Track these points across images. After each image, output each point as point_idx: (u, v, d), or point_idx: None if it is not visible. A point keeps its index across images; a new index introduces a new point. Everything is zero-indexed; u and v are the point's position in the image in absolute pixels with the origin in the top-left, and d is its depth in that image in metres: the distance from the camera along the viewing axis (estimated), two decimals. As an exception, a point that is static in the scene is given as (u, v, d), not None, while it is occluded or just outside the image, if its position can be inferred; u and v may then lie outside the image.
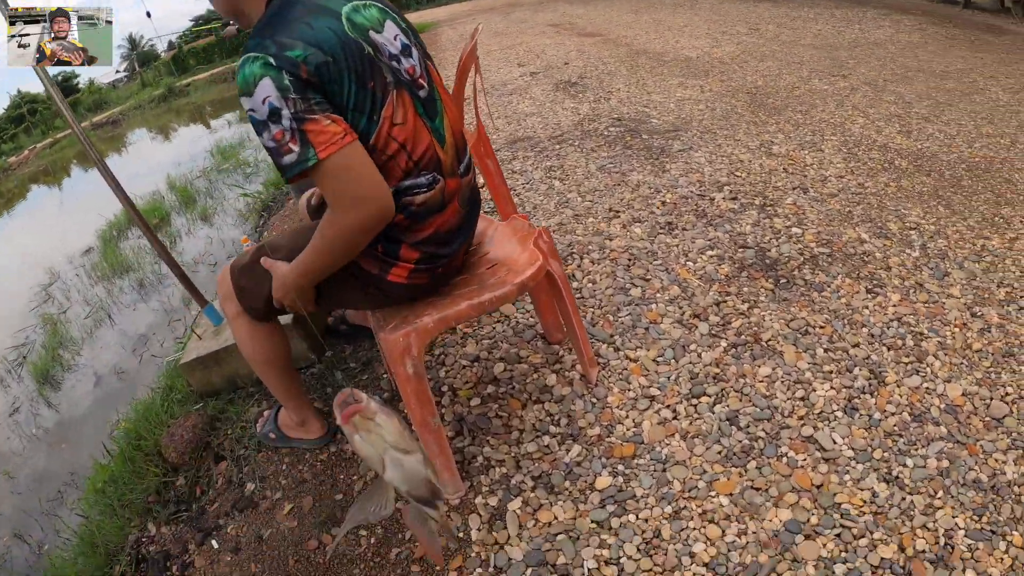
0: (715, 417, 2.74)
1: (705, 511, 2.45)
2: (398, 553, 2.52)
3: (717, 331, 3.15)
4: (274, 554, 2.67)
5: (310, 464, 2.95)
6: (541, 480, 2.59)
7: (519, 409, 2.85)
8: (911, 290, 3.41)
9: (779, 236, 3.75)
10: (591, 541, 2.39)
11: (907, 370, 2.96)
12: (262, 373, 2.77)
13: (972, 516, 2.37)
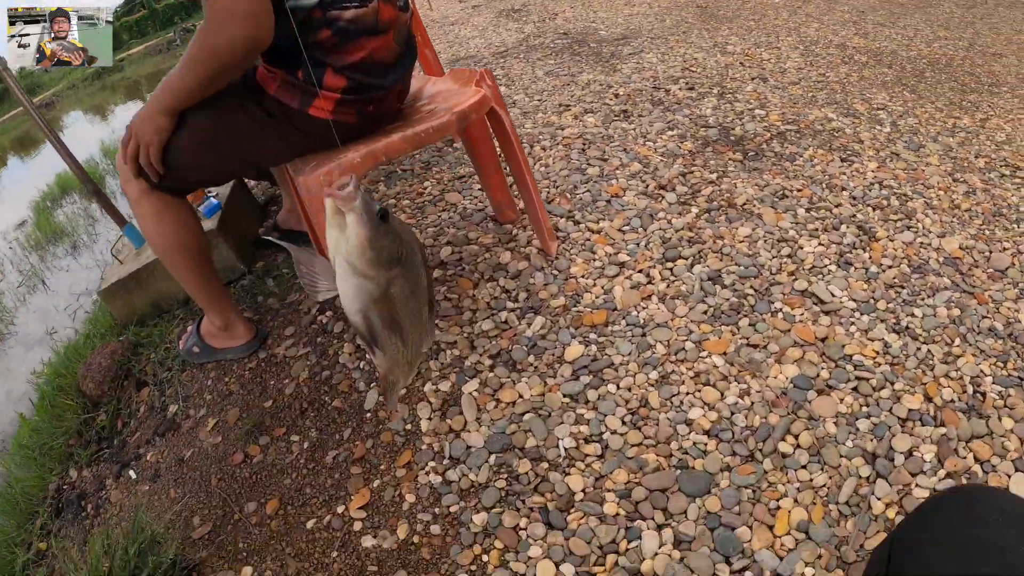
0: (695, 278, 2.20)
1: (698, 373, 1.90)
2: (335, 456, 1.92)
3: (686, 199, 2.60)
4: (195, 475, 2.10)
5: (237, 375, 2.35)
6: (500, 358, 2.02)
7: (470, 289, 2.28)
8: (887, 159, 2.93)
9: (742, 117, 3.22)
10: (565, 418, 1.82)
11: (897, 227, 2.49)
12: (174, 265, 2.16)
13: (996, 363, 1.99)
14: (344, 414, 2.08)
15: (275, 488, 1.98)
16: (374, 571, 1.71)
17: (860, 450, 1.77)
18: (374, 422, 2.02)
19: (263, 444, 2.11)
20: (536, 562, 1.61)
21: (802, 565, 1.54)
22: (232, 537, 1.92)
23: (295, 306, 2.56)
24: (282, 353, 2.38)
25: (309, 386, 2.20)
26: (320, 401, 2.14)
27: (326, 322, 2.40)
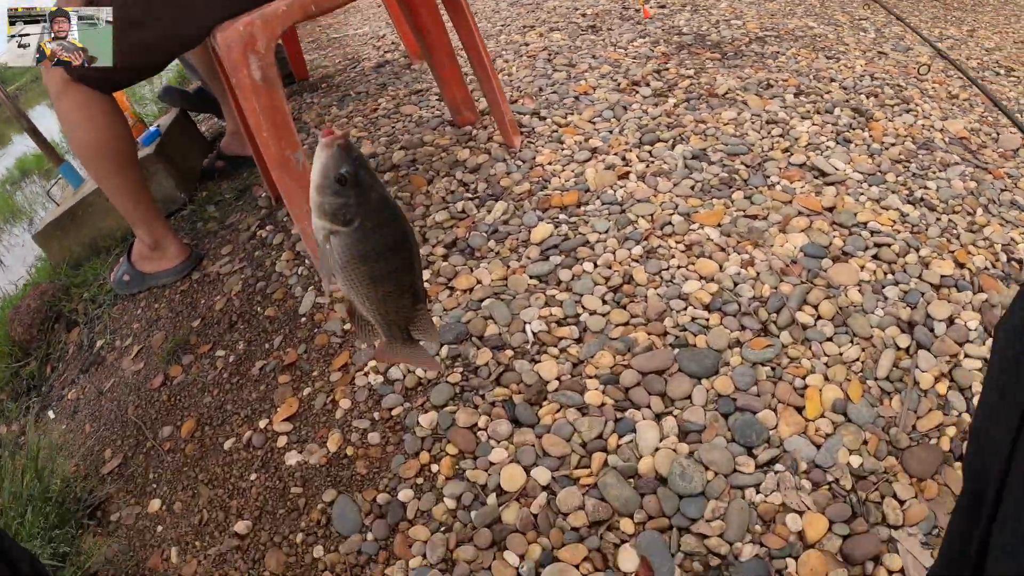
0: (677, 156, 1.76)
1: (690, 245, 1.45)
2: (262, 366, 1.45)
3: (663, 92, 2.15)
4: (111, 406, 1.65)
5: (167, 300, 1.88)
6: (456, 247, 1.55)
7: (424, 186, 1.79)
8: (875, 58, 2.52)
9: (718, 25, 2.78)
10: (533, 301, 1.37)
11: (895, 111, 2.07)
12: (97, 171, 1.75)
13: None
14: (276, 322, 1.62)
15: (194, 409, 1.51)
16: (297, 493, 1.25)
17: (893, 319, 1.33)
18: (308, 326, 1.55)
19: (186, 364, 1.65)
20: (500, 468, 1.16)
21: (845, 453, 1.10)
22: (143, 468, 1.48)
23: (235, 226, 2.08)
24: (216, 271, 1.91)
25: (241, 299, 1.74)
26: (252, 312, 1.68)
27: (266, 235, 1.93)
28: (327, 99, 2.70)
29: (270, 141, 1.44)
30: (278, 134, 1.44)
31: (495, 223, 1.67)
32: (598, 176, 1.76)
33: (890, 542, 1.02)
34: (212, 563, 1.25)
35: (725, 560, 1.02)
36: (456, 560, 1.09)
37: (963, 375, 1.26)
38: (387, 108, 2.44)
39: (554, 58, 2.58)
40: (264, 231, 1.99)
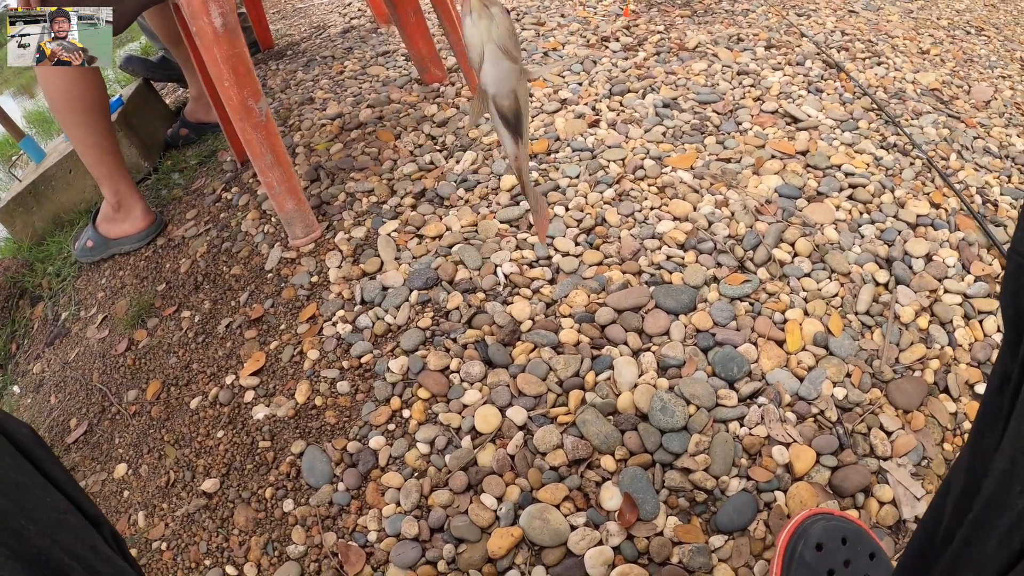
0: (648, 105, 1.69)
1: (663, 187, 1.37)
2: (228, 323, 1.36)
3: (632, 47, 2.06)
4: (76, 375, 1.53)
5: (132, 267, 1.78)
6: (425, 196, 1.46)
7: (391, 141, 1.70)
8: (845, 16, 2.46)
9: (686, -14, 2.66)
10: (504, 244, 1.27)
11: (867, 64, 2.00)
12: (68, 120, 1.67)
13: (1000, 176, 1.60)
14: (242, 280, 1.54)
15: (159, 371, 1.42)
16: (266, 447, 1.17)
17: (871, 255, 1.28)
18: (275, 281, 1.47)
19: (151, 327, 1.56)
20: (474, 410, 1.08)
21: (829, 385, 1.04)
22: (108, 433, 1.39)
23: (200, 191, 1.99)
24: (181, 235, 1.81)
25: (207, 260, 1.65)
26: (217, 272, 1.59)
27: (231, 198, 1.83)
28: (293, 64, 2.60)
29: (232, 91, 1.36)
30: (240, 82, 1.35)
31: (464, 172, 1.59)
32: (568, 125, 1.69)
33: (879, 473, 0.97)
34: (180, 524, 1.17)
35: (711, 495, 0.96)
36: (431, 505, 1.03)
37: (943, 310, 1.21)
38: (353, 70, 2.35)
39: (523, 17, 2.50)
40: (229, 193, 1.90)
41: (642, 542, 0.93)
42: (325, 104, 2.14)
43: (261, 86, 1.38)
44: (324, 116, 2.05)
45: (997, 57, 2.31)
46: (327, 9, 3.23)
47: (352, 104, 2.09)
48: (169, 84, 2.85)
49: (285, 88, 2.35)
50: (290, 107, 2.14)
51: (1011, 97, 2.00)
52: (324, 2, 3.35)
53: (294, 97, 2.21)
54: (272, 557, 1.05)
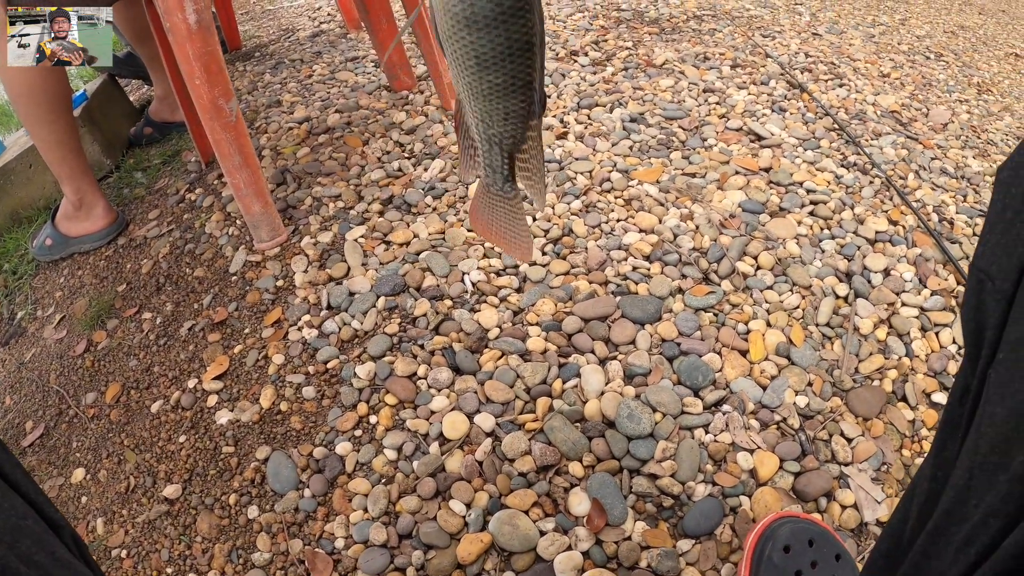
0: (615, 119, 1.72)
1: (629, 200, 1.39)
2: (191, 326, 1.34)
3: (601, 61, 2.09)
4: (32, 377, 1.49)
5: (91, 266, 1.75)
6: (393, 203, 1.46)
7: (359, 147, 1.70)
8: (810, 39, 2.52)
9: (656, 3, 2.77)
10: (471, 252, 1.28)
11: (829, 85, 2.05)
12: (29, 114, 1.65)
13: (956, 196, 1.65)
14: (206, 282, 1.52)
15: (119, 373, 1.40)
16: (229, 452, 1.16)
17: (831, 269, 1.31)
18: (240, 284, 1.46)
19: (111, 328, 1.53)
20: (442, 416, 1.08)
21: (791, 394, 1.06)
22: (66, 437, 1.36)
23: (163, 191, 1.96)
24: (143, 235, 1.79)
25: (169, 261, 1.63)
26: (180, 274, 1.57)
27: (195, 199, 1.82)
28: (260, 67, 2.58)
29: (203, 89, 1.35)
30: (211, 81, 1.35)
31: (432, 180, 1.60)
32: (538, 137, 1.70)
33: (841, 478, 1.00)
34: (140, 531, 1.15)
35: (678, 500, 0.98)
36: (399, 512, 1.03)
37: (901, 322, 1.25)
38: (322, 74, 2.35)
39: (491, 31, 2.52)
40: (193, 194, 1.88)
41: (611, 547, 0.94)
42: (293, 107, 2.14)
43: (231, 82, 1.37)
44: (291, 119, 2.04)
45: (955, 82, 2.39)
46: (296, 12, 3.22)
47: (320, 108, 2.09)
48: (134, 81, 2.81)
49: (252, 90, 2.34)
50: (257, 109, 2.13)
51: (968, 120, 2.07)
52: (294, 5, 3.34)
53: (261, 99, 2.20)
54: (237, 565, 1.04)
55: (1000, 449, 0.38)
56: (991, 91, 2.42)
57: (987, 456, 0.39)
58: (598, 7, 2.72)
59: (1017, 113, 2.28)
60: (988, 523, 0.38)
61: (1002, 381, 0.38)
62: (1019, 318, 0.38)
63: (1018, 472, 0.36)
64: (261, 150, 1.92)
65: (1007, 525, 0.37)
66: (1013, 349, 0.38)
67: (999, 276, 0.39)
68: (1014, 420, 0.37)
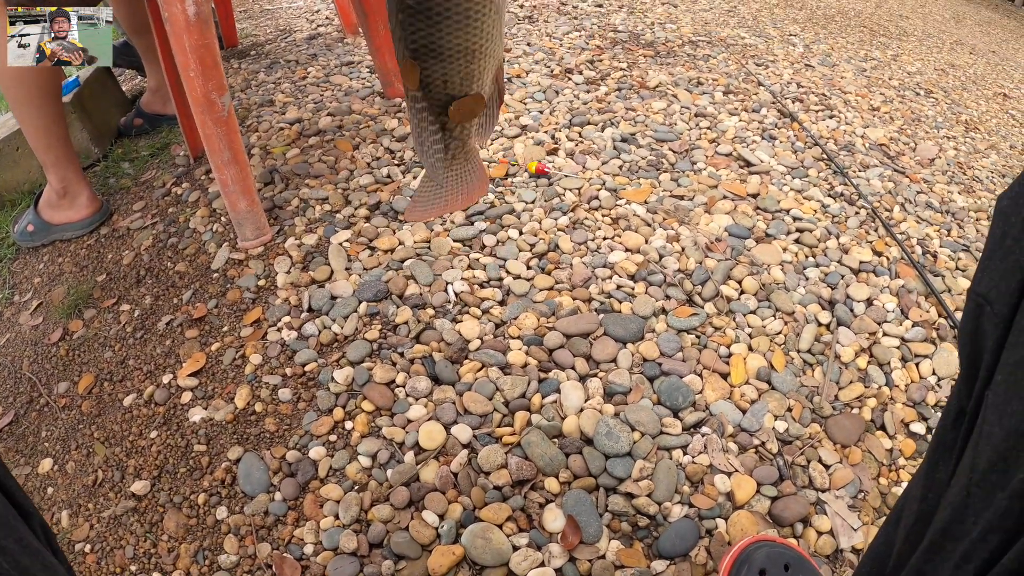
0: (606, 138, 1.72)
1: (616, 219, 1.39)
2: (169, 321, 1.33)
3: (595, 80, 2.10)
4: (5, 362, 1.50)
5: (72, 254, 1.73)
6: (380, 209, 1.46)
7: (349, 151, 1.70)
8: (802, 69, 2.54)
9: (653, 27, 2.78)
10: (456, 263, 1.27)
11: (819, 115, 2.08)
12: (16, 99, 1.66)
13: (940, 230, 1.66)
14: (187, 277, 1.50)
15: (93, 364, 1.38)
16: (201, 451, 1.14)
17: (815, 297, 1.32)
18: (221, 282, 1.44)
19: (87, 318, 1.51)
20: (419, 425, 1.07)
21: (771, 418, 1.06)
22: (35, 426, 1.33)
23: (149, 183, 1.95)
24: (126, 226, 1.77)
25: (151, 253, 1.61)
26: (161, 267, 1.56)
27: (181, 193, 1.80)
28: (255, 65, 2.57)
29: (197, 82, 1.34)
30: (206, 75, 1.34)
31: (423, 189, 1.59)
32: (527, 151, 1.71)
33: (818, 504, 1.00)
34: (106, 526, 1.13)
35: (654, 520, 0.97)
36: (371, 520, 1.01)
37: (882, 351, 1.25)
38: (316, 77, 2.34)
39: (488, 44, 2.52)
40: (180, 188, 1.87)
41: (584, 565, 0.93)
42: (285, 108, 2.13)
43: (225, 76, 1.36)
44: (283, 120, 2.03)
45: (943, 119, 2.42)
46: (295, 13, 3.21)
47: (312, 110, 2.08)
48: (127, 71, 2.79)
49: (246, 88, 2.33)
50: (249, 107, 2.12)
51: (955, 157, 2.09)
52: (292, 6, 3.33)
53: (254, 98, 2.19)
54: (202, 566, 1.02)
55: (998, 467, 0.39)
56: (978, 129, 2.45)
57: (985, 474, 0.40)
58: (595, 27, 2.73)
59: (1003, 152, 2.31)
60: (987, 539, 0.39)
61: (1000, 402, 0.39)
62: (1017, 342, 0.39)
63: (1016, 489, 0.37)
64: (251, 148, 1.91)
65: (1006, 541, 0.38)
66: (1011, 372, 0.39)
67: (998, 301, 0.40)
68: (1012, 439, 0.38)
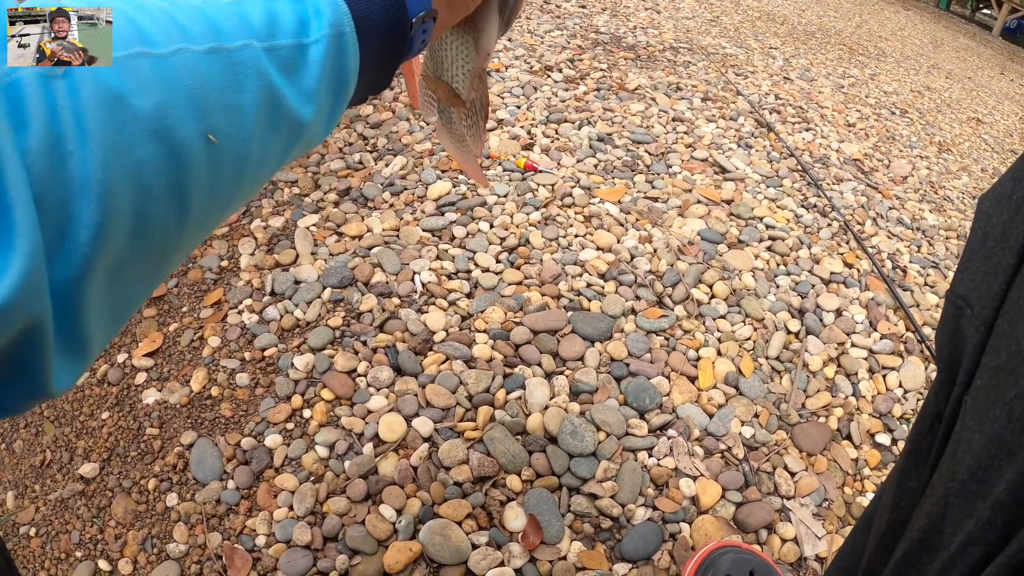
0: (583, 137, 1.71)
1: (589, 217, 1.37)
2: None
3: (574, 79, 2.08)
4: None
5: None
6: (350, 195, 1.42)
7: (321, 138, 1.65)
8: (781, 81, 2.57)
9: (635, 31, 2.77)
10: (423, 253, 1.24)
11: (796, 127, 2.09)
12: None
13: (911, 246, 1.58)
14: (144, 260, 1.44)
15: (40, 345, 1.32)
16: (153, 434, 1.10)
17: (785, 304, 1.31)
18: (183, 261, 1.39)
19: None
20: (379, 416, 1.04)
21: (738, 424, 1.05)
22: (-23, 408, 1.25)
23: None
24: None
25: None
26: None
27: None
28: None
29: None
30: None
31: (392, 176, 1.57)
32: (502, 144, 1.69)
33: (783, 511, 0.99)
34: (52, 509, 1.09)
35: (617, 522, 0.96)
36: (326, 513, 0.98)
37: (850, 362, 1.25)
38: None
39: (466, 39, 2.50)
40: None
41: (545, 566, 0.91)
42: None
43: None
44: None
45: (917, 139, 2.44)
46: None
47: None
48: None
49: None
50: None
51: (927, 176, 2.11)
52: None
53: (224, 82, 2.14)
54: (150, 554, 0.99)
55: (978, 476, 0.37)
56: (951, 151, 2.49)
57: (965, 483, 0.38)
58: (577, 27, 2.73)
59: (975, 174, 2.34)
60: (967, 551, 0.37)
61: (980, 408, 0.38)
62: (998, 345, 0.37)
63: (1000, 500, 0.35)
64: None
65: (987, 554, 0.36)
66: (993, 376, 0.37)
67: (978, 303, 0.39)
68: (994, 447, 0.36)
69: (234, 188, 0.35)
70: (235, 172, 0.34)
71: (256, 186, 0.38)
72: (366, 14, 0.39)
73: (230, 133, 0.33)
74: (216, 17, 0.34)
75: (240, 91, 0.33)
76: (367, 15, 0.39)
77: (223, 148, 0.32)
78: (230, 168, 0.34)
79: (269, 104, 0.35)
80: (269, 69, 0.34)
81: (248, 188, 0.37)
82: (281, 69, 0.35)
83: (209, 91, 0.32)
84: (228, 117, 0.32)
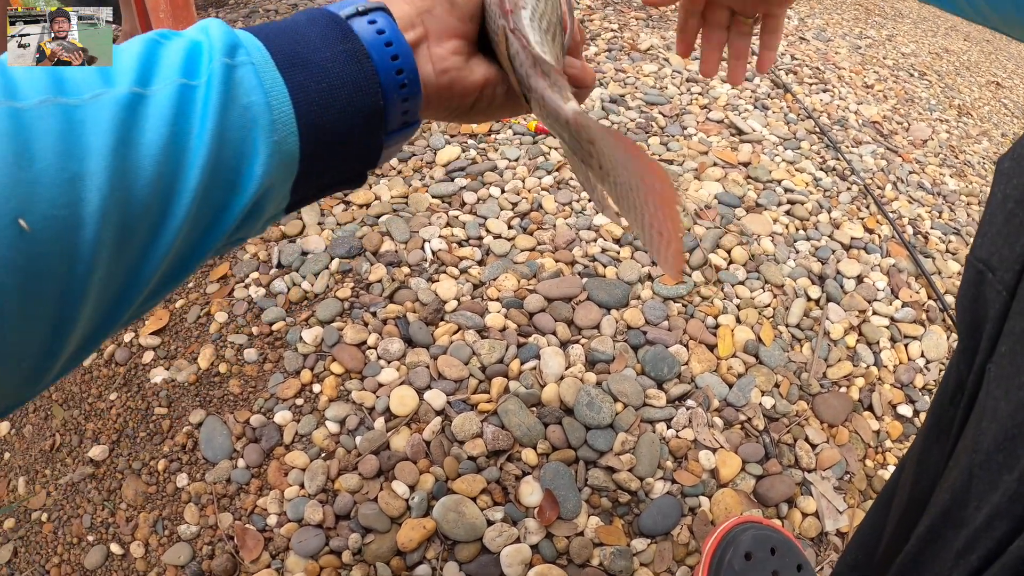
0: (594, 98, 1.67)
1: (602, 182, 1.29)
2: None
3: (585, 40, 2.00)
4: None
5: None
6: (357, 166, 1.37)
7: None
8: (797, 42, 2.49)
9: (639, -9, 2.66)
10: (433, 220, 1.21)
11: (813, 89, 2.02)
12: None
13: (932, 211, 1.63)
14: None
15: (45, 322, 1.30)
16: (162, 414, 1.08)
17: (805, 271, 1.28)
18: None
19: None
20: (390, 389, 1.02)
21: (758, 394, 1.02)
22: (-14, 389, 1.24)
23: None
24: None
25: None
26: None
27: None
28: (233, 15, 2.48)
29: (167, 23, 1.27)
30: (176, 16, 1.28)
31: (400, 146, 1.54)
32: (514, 110, 1.65)
33: (804, 484, 0.96)
34: (63, 494, 1.08)
35: (635, 496, 0.93)
36: (338, 490, 0.97)
37: (871, 330, 1.22)
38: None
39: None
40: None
41: (562, 542, 0.89)
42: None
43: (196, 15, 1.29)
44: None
45: (936, 101, 2.38)
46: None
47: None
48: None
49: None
50: (221, 60, 2.04)
51: (947, 140, 2.06)
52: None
53: (226, 50, 2.10)
54: (162, 536, 0.97)
55: (1005, 446, 0.35)
56: (971, 115, 2.42)
57: (990, 454, 0.36)
58: (584, -11, 2.66)
59: (995, 139, 2.28)
60: (993, 526, 0.35)
61: (1005, 374, 0.35)
62: (1022, 310, 0.34)
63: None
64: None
65: (1015, 528, 0.34)
66: (1017, 341, 0.35)
67: (1000, 267, 0.37)
68: (1021, 415, 0.34)
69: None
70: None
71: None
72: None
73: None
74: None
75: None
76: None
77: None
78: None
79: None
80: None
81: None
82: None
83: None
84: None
